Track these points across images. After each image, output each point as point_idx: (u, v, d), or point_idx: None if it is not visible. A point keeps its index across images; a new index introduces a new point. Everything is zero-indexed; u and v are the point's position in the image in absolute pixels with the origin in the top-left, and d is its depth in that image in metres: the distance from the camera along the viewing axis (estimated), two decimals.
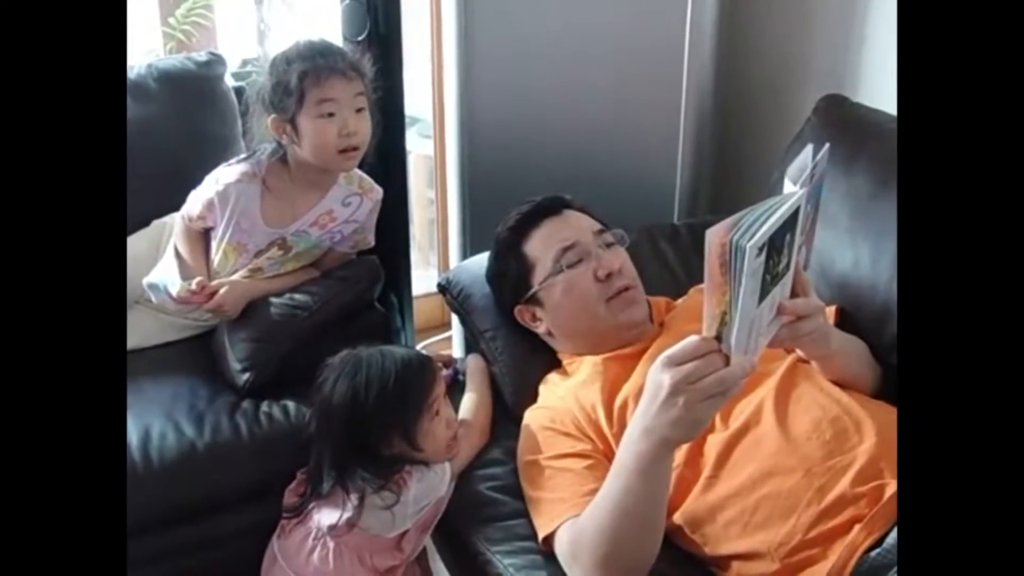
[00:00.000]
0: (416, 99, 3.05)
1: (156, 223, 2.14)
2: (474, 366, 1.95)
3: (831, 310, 1.71)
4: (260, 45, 3.39)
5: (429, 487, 1.67)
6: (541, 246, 1.81)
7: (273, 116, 1.91)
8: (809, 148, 1.37)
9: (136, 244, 2.07)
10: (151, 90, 2.28)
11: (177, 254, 2.02)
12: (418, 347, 2.85)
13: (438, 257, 3.18)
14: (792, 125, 2.15)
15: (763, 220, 1.17)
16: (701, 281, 1.92)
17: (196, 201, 2.01)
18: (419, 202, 3.43)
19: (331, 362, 1.71)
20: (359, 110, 1.91)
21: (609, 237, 1.83)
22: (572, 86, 2.37)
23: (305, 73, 1.86)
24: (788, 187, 1.34)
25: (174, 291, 1.95)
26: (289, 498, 1.74)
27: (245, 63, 3.23)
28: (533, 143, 2.41)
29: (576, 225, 1.83)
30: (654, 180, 2.41)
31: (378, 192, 2.09)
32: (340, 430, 1.65)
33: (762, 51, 2.53)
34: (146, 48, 3.23)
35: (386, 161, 2.33)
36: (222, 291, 1.93)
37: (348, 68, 1.89)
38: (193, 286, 1.93)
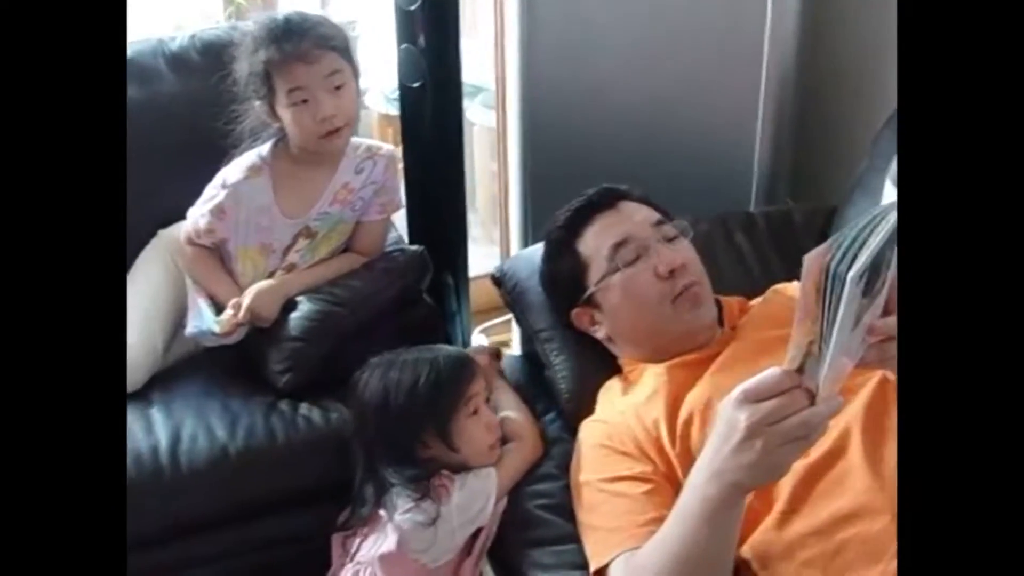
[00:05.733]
0: (481, 68, 2.93)
1: (162, 233, 2.01)
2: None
3: None
4: (322, 10, 3.27)
5: (472, 494, 1.58)
6: (594, 243, 1.66)
7: (257, 103, 1.84)
8: None
9: (150, 268, 1.95)
10: (194, 63, 2.17)
11: (199, 290, 1.90)
12: (476, 330, 2.74)
13: (500, 233, 3.05)
14: (884, 105, 1.99)
15: (863, 240, 1.01)
16: (780, 278, 1.82)
17: (201, 214, 1.89)
18: (483, 176, 3.32)
19: (370, 362, 1.68)
20: (338, 87, 1.80)
21: (670, 230, 1.67)
22: (642, 57, 2.23)
23: (268, 62, 1.78)
24: (889, 190, 1.17)
25: (218, 328, 1.83)
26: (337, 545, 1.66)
27: None
28: (599, 118, 2.28)
29: (632, 218, 1.67)
30: (729, 162, 2.26)
31: (388, 148, 1.98)
32: (373, 429, 1.62)
33: (851, 23, 2.36)
34: (205, 13, 3.14)
35: (441, 133, 2.21)
36: (248, 299, 1.82)
37: (312, 48, 1.78)
38: (230, 313, 1.82)
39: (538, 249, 1.89)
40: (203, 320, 1.85)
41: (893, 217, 1.05)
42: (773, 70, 2.18)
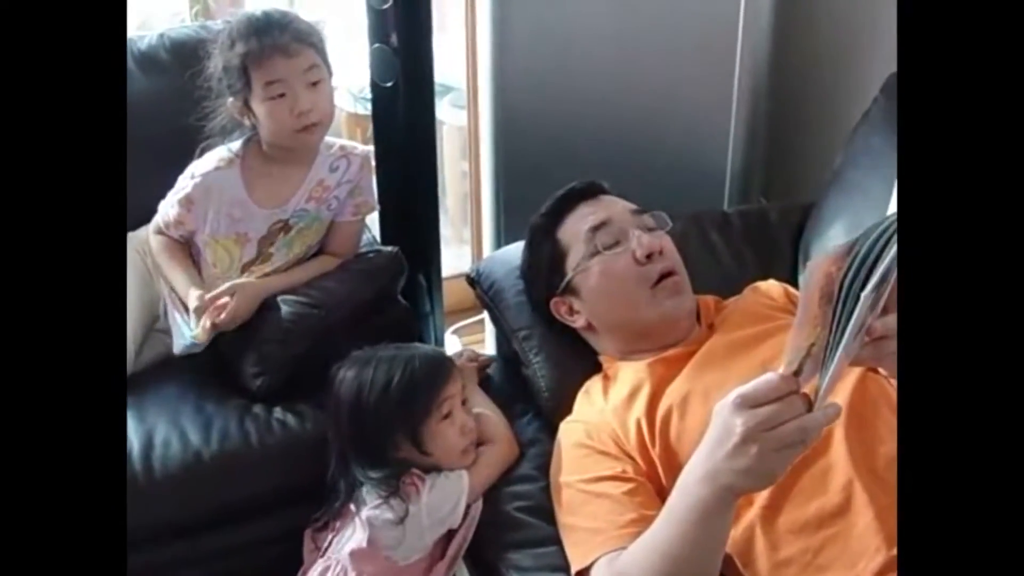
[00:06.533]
0: (451, 67, 2.92)
1: (131, 235, 1.97)
2: None
3: None
4: (290, 8, 3.24)
5: (443, 495, 1.57)
6: (574, 228, 1.67)
7: (231, 99, 1.82)
8: None
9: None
10: (163, 62, 2.15)
11: (176, 303, 1.86)
12: (449, 331, 2.73)
13: (471, 233, 3.03)
14: (857, 104, 2.00)
15: (877, 254, 1.01)
16: (756, 277, 1.82)
17: (171, 204, 1.88)
18: (453, 175, 3.31)
19: (351, 356, 1.66)
20: (314, 83, 1.79)
21: (649, 220, 1.68)
22: (615, 55, 2.23)
23: (246, 55, 1.76)
24: None
25: (198, 339, 1.80)
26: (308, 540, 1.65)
27: None
28: (572, 117, 2.27)
29: (611, 205, 1.69)
30: (703, 161, 2.27)
31: (362, 149, 1.97)
32: (346, 426, 1.61)
33: (824, 21, 2.36)
34: (171, 11, 3.10)
35: (414, 133, 2.20)
36: (233, 301, 1.78)
37: (291, 42, 1.77)
38: (206, 321, 1.77)
39: (513, 249, 1.88)
40: (184, 336, 1.82)
41: None
42: (746, 67, 2.18)
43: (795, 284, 1.78)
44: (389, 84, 2.12)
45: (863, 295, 0.98)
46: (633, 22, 2.19)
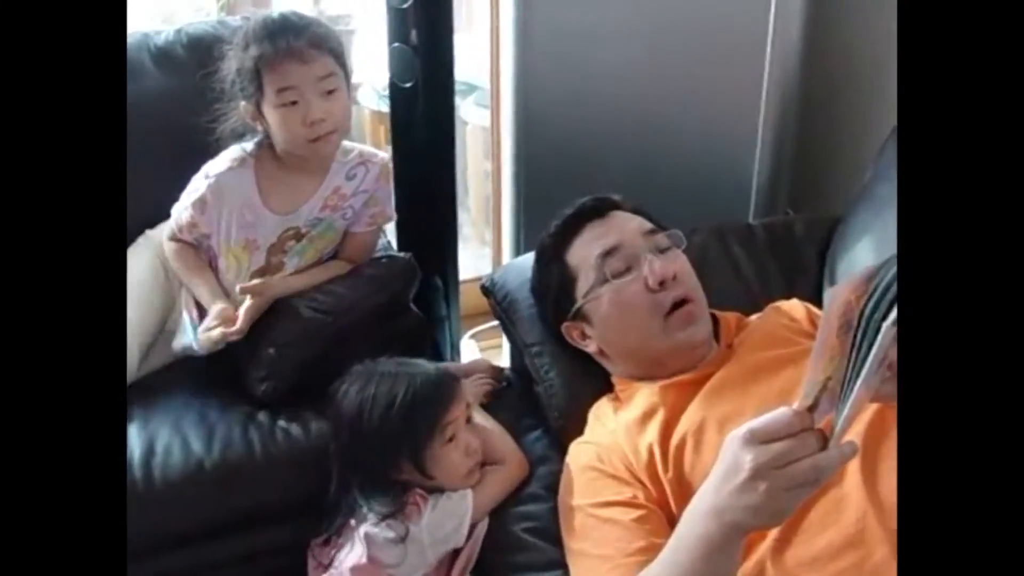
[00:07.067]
0: (476, 66, 2.88)
1: (149, 233, 1.95)
2: None
3: None
4: (316, 5, 3.22)
5: (445, 516, 1.54)
6: (583, 253, 1.61)
7: (243, 103, 1.78)
8: None
9: (135, 269, 1.86)
10: (180, 58, 2.11)
11: (189, 303, 1.84)
12: (466, 336, 2.69)
13: (492, 236, 2.99)
14: (887, 115, 1.90)
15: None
16: (779, 292, 1.77)
17: (184, 207, 1.84)
18: (476, 176, 3.28)
19: (353, 370, 1.62)
20: (329, 92, 1.74)
21: (663, 240, 1.61)
22: (640, 59, 2.18)
23: (260, 58, 1.72)
24: None
25: (200, 348, 1.77)
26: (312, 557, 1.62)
27: None
28: (595, 118, 2.23)
29: (622, 227, 1.62)
30: (728, 169, 2.22)
31: (381, 156, 1.92)
32: (347, 444, 1.59)
33: (855, 31, 2.30)
34: (196, 7, 3.08)
35: (433, 135, 2.16)
36: (244, 308, 1.74)
37: (306, 48, 1.72)
38: (219, 331, 1.74)
39: (529, 258, 1.83)
40: (187, 335, 1.80)
41: None
42: (775, 73, 2.14)
43: (819, 301, 1.72)
44: (409, 84, 2.08)
45: (884, 326, 0.94)
46: (659, 23, 2.15)
